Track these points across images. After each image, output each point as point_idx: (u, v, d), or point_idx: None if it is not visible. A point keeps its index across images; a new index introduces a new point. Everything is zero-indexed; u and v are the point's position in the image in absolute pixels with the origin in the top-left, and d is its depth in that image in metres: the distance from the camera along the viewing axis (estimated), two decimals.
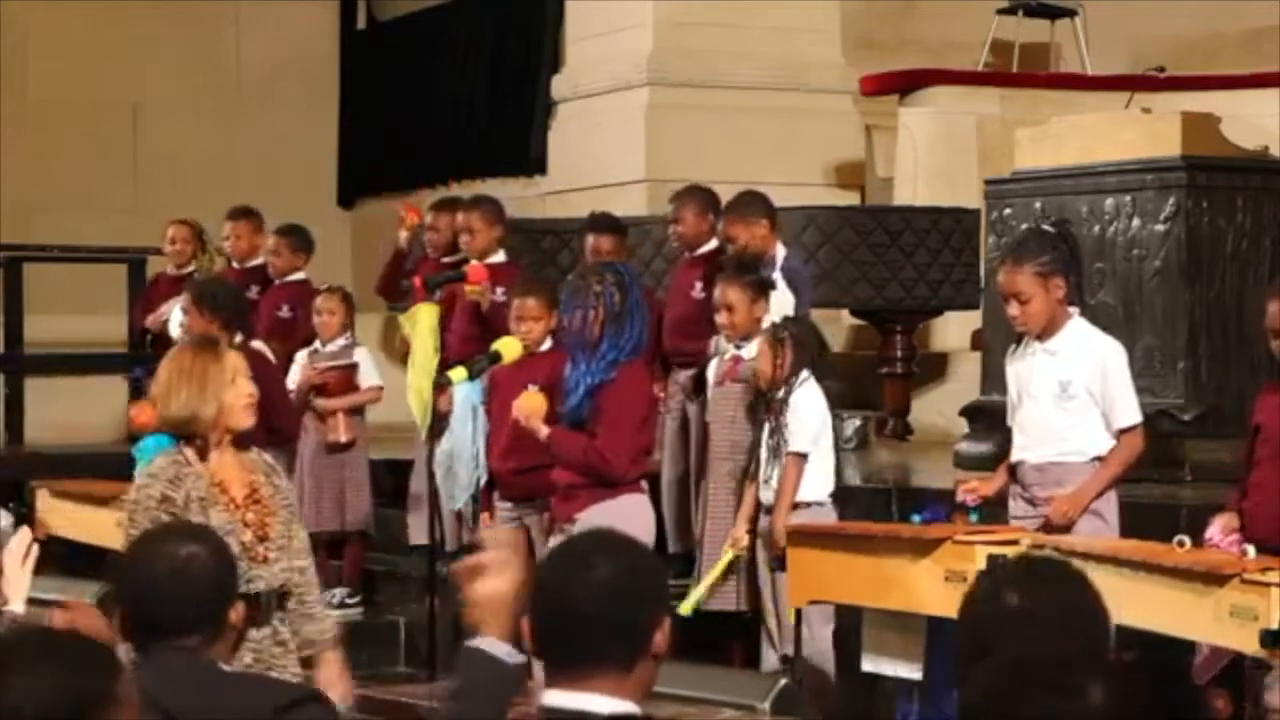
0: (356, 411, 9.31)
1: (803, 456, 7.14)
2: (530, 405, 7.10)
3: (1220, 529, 6.06)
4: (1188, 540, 5.79)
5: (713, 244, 8.51)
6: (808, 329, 7.43)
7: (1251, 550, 5.77)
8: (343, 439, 9.16)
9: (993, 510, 6.65)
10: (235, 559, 3.96)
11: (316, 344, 9.30)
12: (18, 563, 4.56)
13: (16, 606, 4.51)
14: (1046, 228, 7.24)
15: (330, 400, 9.16)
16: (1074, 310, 6.57)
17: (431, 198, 11.22)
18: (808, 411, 7.18)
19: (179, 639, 3.70)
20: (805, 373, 7.20)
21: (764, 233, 8.09)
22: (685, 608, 7.30)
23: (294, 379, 9.15)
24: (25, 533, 4.65)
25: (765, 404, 7.26)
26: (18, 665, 2.97)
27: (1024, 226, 8.23)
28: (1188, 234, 7.98)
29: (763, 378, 7.21)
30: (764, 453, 7.21)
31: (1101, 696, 2.67)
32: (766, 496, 7.23)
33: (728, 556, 7.32)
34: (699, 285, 8.31)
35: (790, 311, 7.76)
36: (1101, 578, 5.60)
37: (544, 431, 7.05)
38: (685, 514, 8.27)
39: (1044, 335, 6.49)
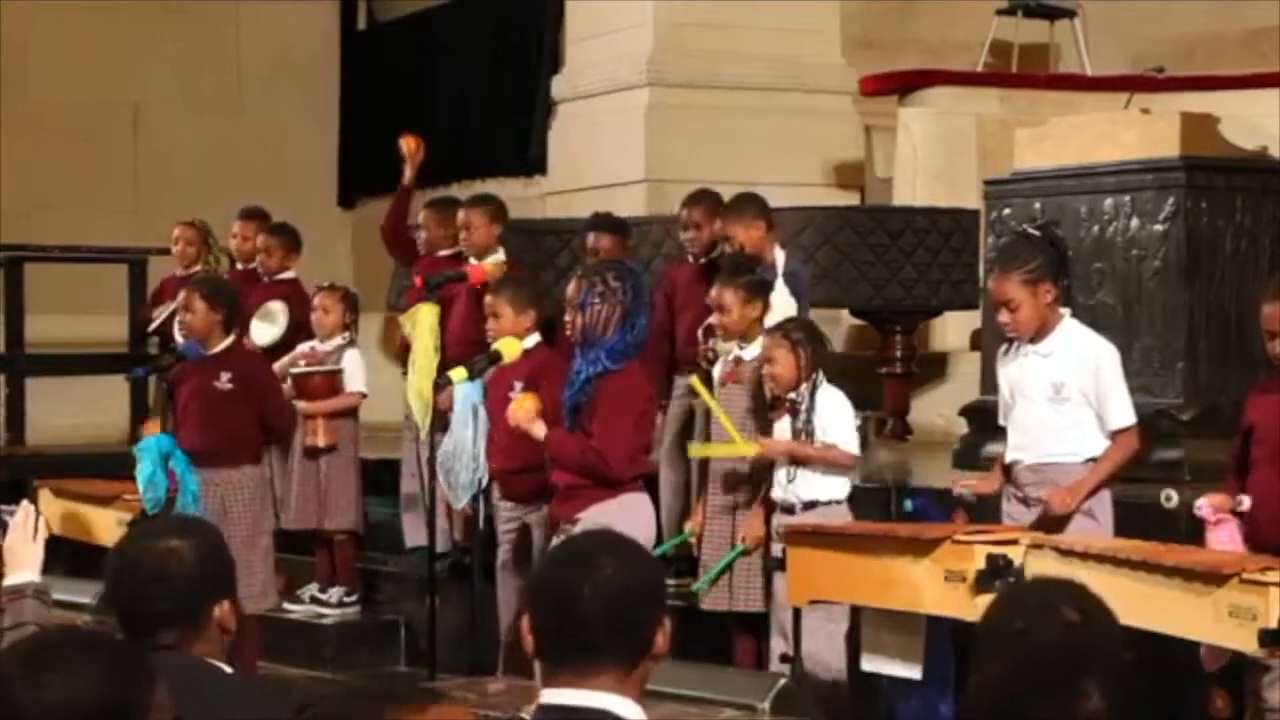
0: (347, 415, 9.19)
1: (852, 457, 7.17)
2: (524, 409, 7.13)
3: (1210, 507, 6.05)
4: (1174, 495, 5.78)
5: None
6: (812, 327, 7.43)
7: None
8: (321, 443, 9.04)
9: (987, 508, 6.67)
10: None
11: (314, 342, 9.28)
12: (27, 537, 4.60)
13: (32, 576, 4.54)
14: (1032, 231, 7.22)
15: (309, 404, 9.04)
16: (1065, 312, 6.56)
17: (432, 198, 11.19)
18: (839, 411, 7.20)
19: (156, 635, 3.66)
20: (819, 373, 7.21)
21: (760, 234, 8.07)
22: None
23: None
24: (27, 506, 4.68)
25: (778, 405, 7.26)
26: (57, 664, 2.96)
27: (1017, 228, 8.22)
28: (1187, 234, 7.98)
29: (782, 382, 7.19)
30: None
31: (1102, 698, 2.67)
32: (779, 495, 7.21)
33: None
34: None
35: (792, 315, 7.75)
36: (1100, 577, 5.64)
37: (542, 432, 7.08)
38: (683, 517, 8.25)
39: (1036, 337, 6.49)
